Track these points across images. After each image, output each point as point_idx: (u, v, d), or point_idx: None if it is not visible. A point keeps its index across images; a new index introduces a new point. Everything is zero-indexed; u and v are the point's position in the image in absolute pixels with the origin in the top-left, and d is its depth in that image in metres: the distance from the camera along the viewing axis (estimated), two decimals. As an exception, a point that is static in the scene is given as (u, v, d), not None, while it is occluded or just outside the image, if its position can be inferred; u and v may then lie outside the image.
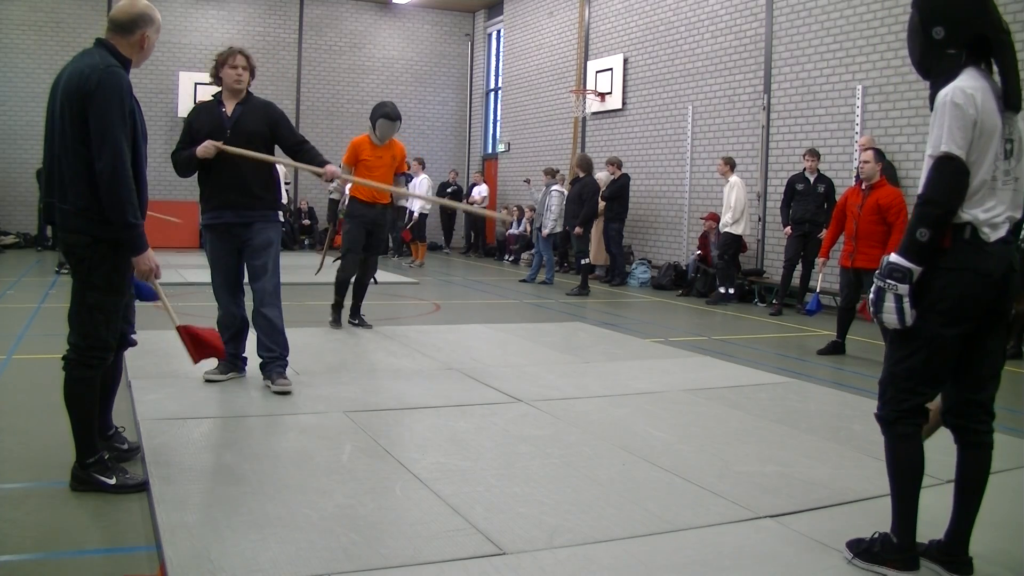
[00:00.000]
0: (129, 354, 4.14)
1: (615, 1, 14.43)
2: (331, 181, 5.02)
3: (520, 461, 3.76)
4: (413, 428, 4.28)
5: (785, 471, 3.71)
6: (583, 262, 11.20)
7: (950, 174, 2.47)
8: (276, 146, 4.93)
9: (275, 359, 4.84)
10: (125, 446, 3.69)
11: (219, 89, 4.85)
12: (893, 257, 2.55)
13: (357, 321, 7.24)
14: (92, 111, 3.01)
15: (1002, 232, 2.55)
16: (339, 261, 6.97)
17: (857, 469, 3.76)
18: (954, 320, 2.55)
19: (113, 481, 3.26)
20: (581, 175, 11.36)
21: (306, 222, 17.82)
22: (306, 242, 17.68)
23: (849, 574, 2.75)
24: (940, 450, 4.16)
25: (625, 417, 4.56)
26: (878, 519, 3.17)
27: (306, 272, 12.45)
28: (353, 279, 7.06)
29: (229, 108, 4.81)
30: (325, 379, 5.19)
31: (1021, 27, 8.05)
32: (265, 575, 2.54)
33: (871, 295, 2.62)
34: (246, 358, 5.07)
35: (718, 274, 10.53)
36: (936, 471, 3.75)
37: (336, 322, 7.17)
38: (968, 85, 2.48)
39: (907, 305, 2.53)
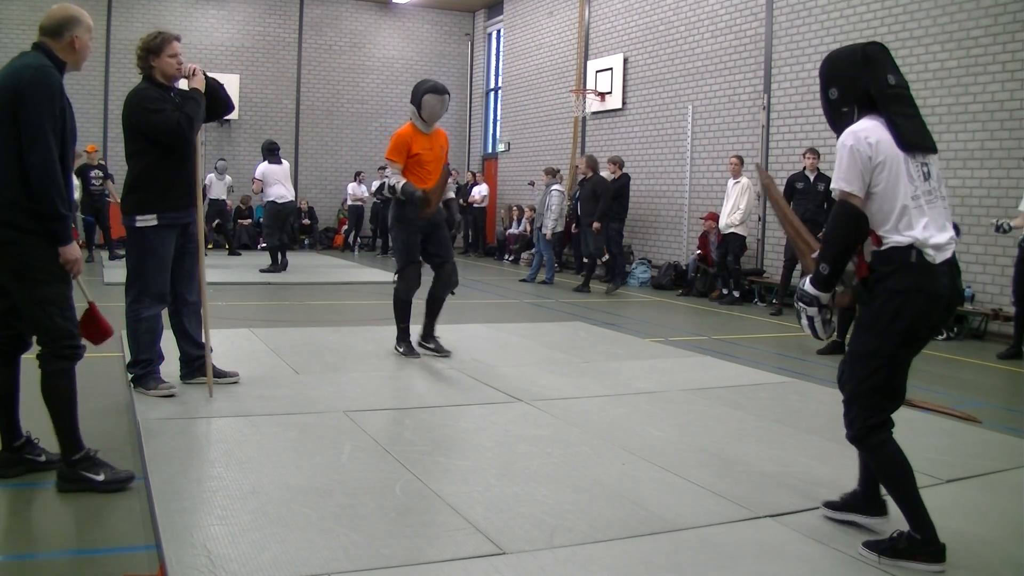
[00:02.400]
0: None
1: (615, 1, 14.42)
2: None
3: (520, 461, 3.76)
4: (413, 428, 4.28)
5: (785, 471, 3.71)
6: (602, 259, 11.29)
7: (845, 218, 2.77)
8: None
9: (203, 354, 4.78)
10: (43, 458, 3.45)
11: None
12: (804, 284, 2.90)
13: (433, 346, 6.04)
14: (24, 108, 3.07)
15: (947, 254, 2.76)
16: (396, 277, 5.96)
17: (857, 469, 3.76)
18: (911, 340, 2.79)
19: (102, 478, 3.25)
20: (590, 175, 11.40)
21: (306, 222, 17.83)
22: (306, 242, 17.70)
23: (849, 574, 2.75)
24: (938, 450, 4.17)
25: (625, 417, 4.56)
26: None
27: (304, 272, 12.48)
28: (427, 294, 6.04)
29: None
30: (325, 379, 5.19)
31: (1021, 27, 8.06)
32: (265, 575, 2.54)
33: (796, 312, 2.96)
34: None
35: (732, 275, 10.55)
36: (936, 471, 3.75)
37: (409, 352, 5.96)
38: (860, 127, 2.79)
39: (818, 324, 2.89)
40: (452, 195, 6.20)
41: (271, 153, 11.92)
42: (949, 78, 8.72)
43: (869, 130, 2.76)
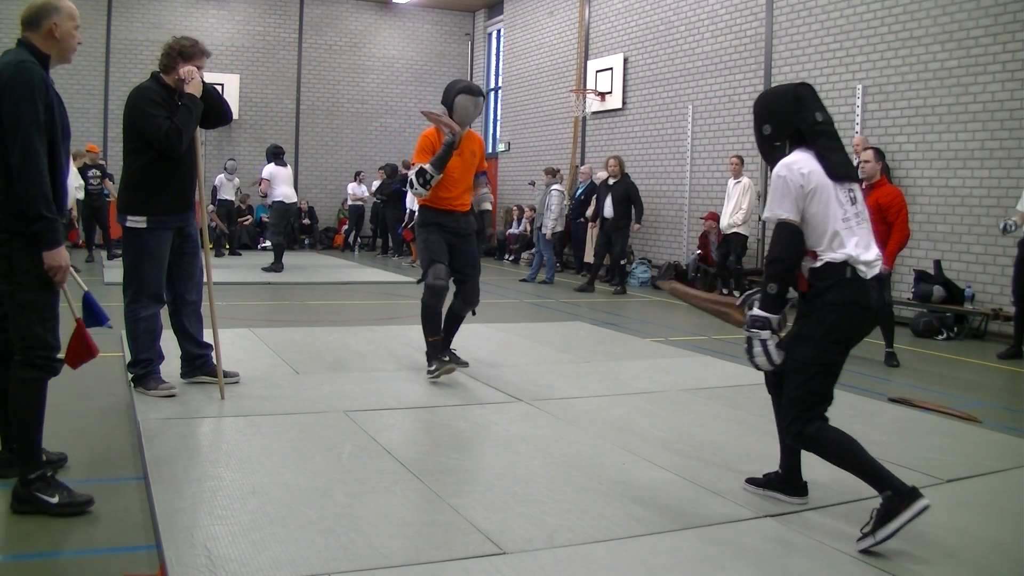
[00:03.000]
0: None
1: (615, 1, 14.42)
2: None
3: (520, 461, 3.76)
4: (413, 428, 4.28)
5: (785, 471, 3.70)
6: (622, 263, 11.40)
7: (785, 237, 3.04)
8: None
9: (210, 354, 4.79)
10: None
11: None
12: (754, 310, 3.11)
13: (447, 358, 5.41)
14: (3, 107, 2.96)
15: (876, 270, 3.07)
16: (422, 284, 5.28)
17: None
18: (846, 348, 3.09)
19: (56, 500, 3.04)
20: (621, 176, 11.39)
21: (306, 222, 17.84)
22: (306, 242, 17.70)
23: (849, 574, 2.75)
24: (938, 450, 4.18)
25: (625, 417, 4.56)
26: (878, 519, 3.17)
27: (304, 272, 12.48)
28: (447, 309, 5.48)
29: None
30: (325, 379, 5.19)
31: (1021, 27, 8.06)
32: (265, 575, 2.54)
33: (745, 344, 3.15)
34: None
35: (733, 275, 10.56)
36: (936, 471, 3.76)
37: (439, 369, 5.19)
38: (793, 159, 3.09)
39: (771, 347, 3.08)
40: (487, 206, 5.62)
41: (277, 156, 12.32)
42: (949, 78, 8.72)
43: (801, 162, 3.06)
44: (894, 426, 4.59)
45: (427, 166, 5.15)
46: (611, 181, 11.40)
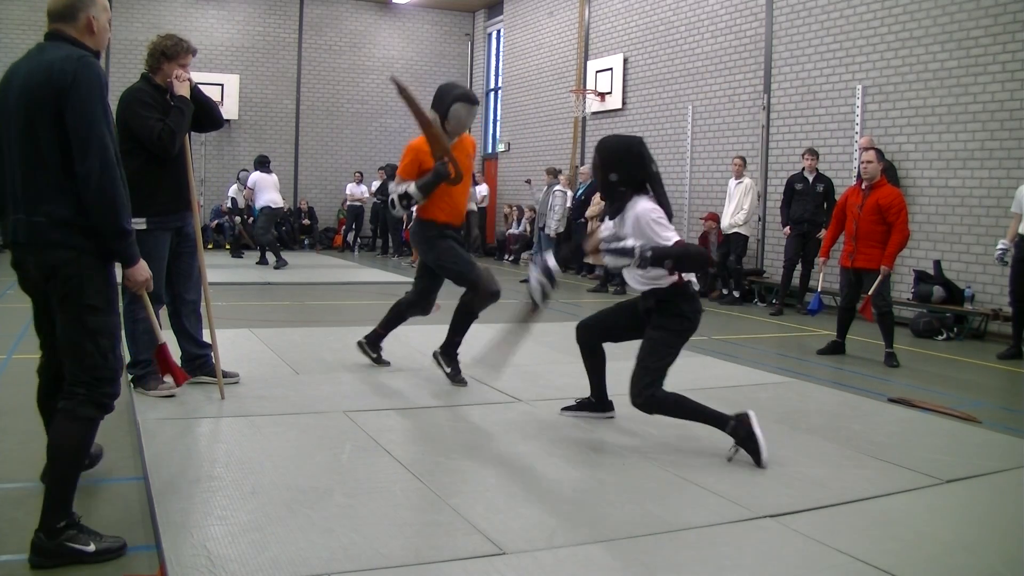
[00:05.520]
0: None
1: (615, 1, 14.43)
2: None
3: (520, 461, 3.76)
4: (413, 428, 4.28)
5: (785, 471, 3.71)
6: None
7: (701, 255, 3.90)
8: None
9: (210, 354, 4.78)
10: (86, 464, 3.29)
11: None
12: (549, 259, 3.90)
13: (450, 369, 5.33)
14: (70, 108, 2.61)
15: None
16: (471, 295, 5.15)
17: (857, 469, 3.77)
18: (686, 340, 4.00)
19: (92, 548, 2.67)
20: None
21: (306, 222, 17.85)
22: (306, 242, 17.71)
23: (849, 574, 2.75)
24: (938, 450, 4.18)
25: (625, 417, 4.56)
26: (878, 519, 3.18)
27: (304, 272, 12.48)
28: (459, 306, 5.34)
29: None
30: (325, 379, 5.19)
31: (1021, 27, 8.06)
32: (265, 575, 2.54)
33: (531, 267, 3.84)
34: None
35: (733, 275, 10.56)
36: (936, 471, 3.76)
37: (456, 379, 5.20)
38: (649, 205, 3.79)
39: (539, 295, 3.93)
40: (473, 207, 5.23)
41: (263, 165, 13.12)
42: (949, 78, 8.72)
43: (655, 207, 3.79)
44: (894, 426, 4.59)
45: (413, 191, 4.92)
46: None
